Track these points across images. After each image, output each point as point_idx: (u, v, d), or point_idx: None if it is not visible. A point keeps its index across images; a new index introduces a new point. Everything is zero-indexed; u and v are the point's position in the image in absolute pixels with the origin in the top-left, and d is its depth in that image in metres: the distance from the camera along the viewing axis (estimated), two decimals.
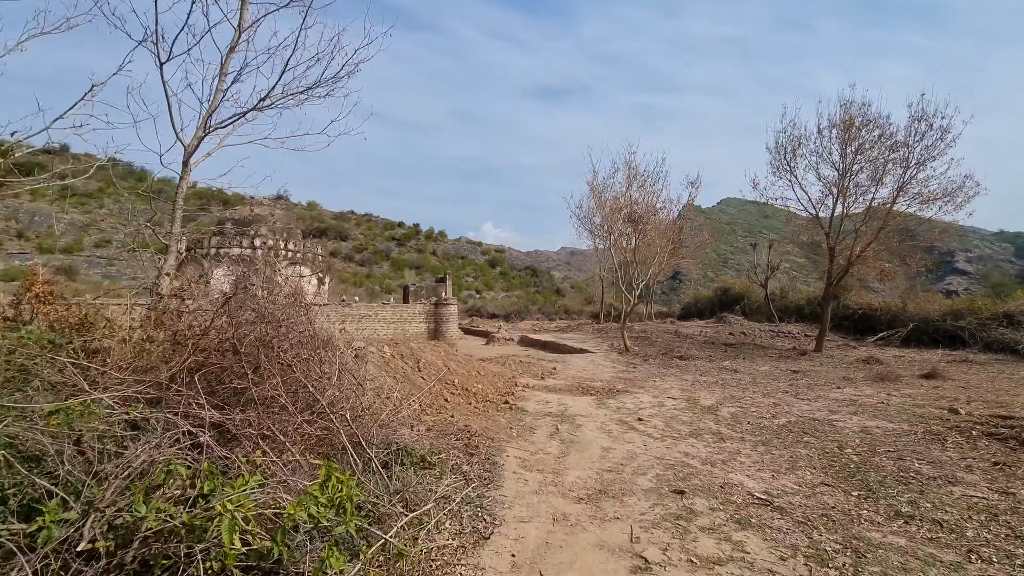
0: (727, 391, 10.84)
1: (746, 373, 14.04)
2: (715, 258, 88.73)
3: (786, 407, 9.06)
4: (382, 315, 19.00)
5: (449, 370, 9.78)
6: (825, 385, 11.66)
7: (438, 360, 9.93)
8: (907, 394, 10.18)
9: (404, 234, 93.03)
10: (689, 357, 16.88)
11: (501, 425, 7.28)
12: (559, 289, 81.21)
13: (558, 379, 12.84)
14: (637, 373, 14.10)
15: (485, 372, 11.21)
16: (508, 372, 12.78)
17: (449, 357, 10.52)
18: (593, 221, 18.88)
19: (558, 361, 16.28)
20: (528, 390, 10.92)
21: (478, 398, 9.15)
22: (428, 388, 8.42)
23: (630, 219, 16.14)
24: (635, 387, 11.62)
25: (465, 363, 10.88)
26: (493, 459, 5.70)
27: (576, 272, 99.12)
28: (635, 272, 17.62)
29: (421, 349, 10.04)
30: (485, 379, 10.50)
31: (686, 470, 5.65)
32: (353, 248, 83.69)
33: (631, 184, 16.40)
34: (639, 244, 16.95)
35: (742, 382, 12.22)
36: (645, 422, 7.91)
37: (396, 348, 9.71)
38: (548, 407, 9.07)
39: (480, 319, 46.47)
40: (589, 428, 7.51)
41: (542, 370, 13.98)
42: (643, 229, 16.26)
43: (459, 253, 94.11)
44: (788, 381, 12.47)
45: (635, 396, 10.30)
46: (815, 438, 6.93)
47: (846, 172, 18.55)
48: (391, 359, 8.71)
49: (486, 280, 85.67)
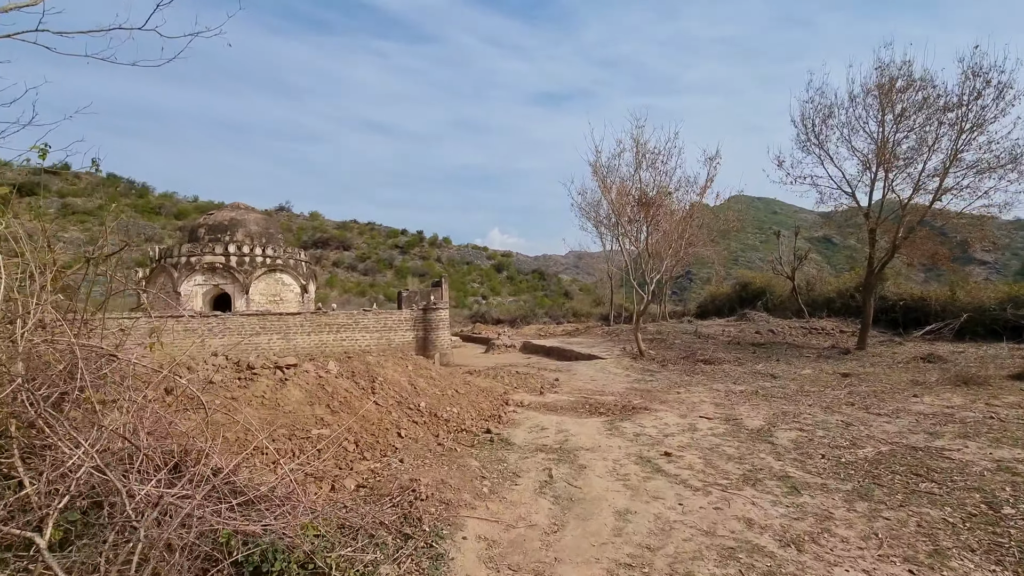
0: (774, 405, 8.52)
1: (787, 378, 11.69)
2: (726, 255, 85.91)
3: (862, 428, 6.74)
4: (363, 323, 16.91)
5: (416, 390, 7.59)
6: (894, 392, 9.29)
7: (402, 377, 7.74)
8: (1014, 403, 7.80)
9: (407, 242, 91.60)
10: (715, 361, 14.53)
11: (470, 472, 5.06)
12: (567, 292, 79.03)
13: (560, 393, 10.60)
14: (655, 383, 11.81)
15: (468, 389, 9.00)
16: (500, 387, 10.55)
17: (419, 372, 8.32)
18: (598, 211, 16.60)
19: (562, 370, 14.03)
20: (521, 410, 8.69)
21: (450, 427, 6.94)
22: (378, 418, 6.23)
23: (641, 203, 13.88)
24: (655, 402, 9.35)
25: (443, 379, 8.68)
26: (438, 546, 3.48)
27: (584, 275, 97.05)
28: (648, 266, 15.33)
29: (381, 364, 7.85)
30: (466, 399, 8.29)
31: (757, 559, 3.41)
32: (356, 257, 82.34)
33: (640, 163, 14.17)
34: (651, 232, 14.67)
35: (788, 391, 9.88)
36: (676, 459, 5.65)
37: (346, 365, 7.54)
38: (543, 436, 6.83)
39: (484, 325, 44.33)
40: (597, 472, 5.26)
41: (542, 382, 11.74)
42: (656, 215, 13.99)
43: (464, 259, 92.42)
44: (844, 388, 10.11)
45: (657, 415, 8.03)
46: (936, 483, 4.63)
47: (885, 143, 16.17)
48: (331, 380, 6.53)
49: (492, 285, 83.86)
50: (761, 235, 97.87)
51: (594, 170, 14.80)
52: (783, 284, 29.56)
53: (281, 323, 15.94)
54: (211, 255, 20.84)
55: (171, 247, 21.51)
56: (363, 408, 6.29)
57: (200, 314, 15.46)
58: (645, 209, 13.77)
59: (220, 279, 21.06)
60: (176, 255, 20.99)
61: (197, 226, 22.94)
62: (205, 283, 20.98)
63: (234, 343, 15.65)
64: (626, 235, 15.25)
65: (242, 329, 15.67)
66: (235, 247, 21.19)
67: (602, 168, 14.71)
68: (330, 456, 4.97)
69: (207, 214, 24.41)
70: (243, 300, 21.03)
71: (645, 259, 15.41)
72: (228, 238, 21.89)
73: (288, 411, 5.39)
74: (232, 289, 21.23)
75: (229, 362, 6.24)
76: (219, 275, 21.04)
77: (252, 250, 21.50)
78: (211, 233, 22.17)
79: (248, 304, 20.86)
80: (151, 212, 75.15)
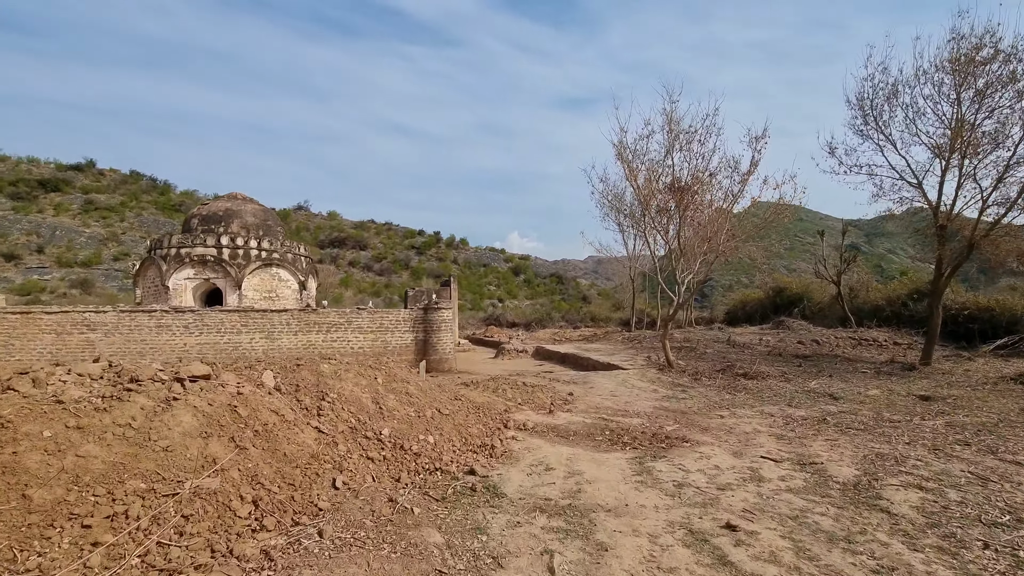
0: (858, 441, 6.43)
1: (853, 401, 9.53)
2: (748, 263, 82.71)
3: (1009, 486, 4.67)
4: (357, 323, 15.19)
5: (381, 411, 5.74)
6: (1011, 426, 7.11)
7: (364, 394, 5.90)
8: None
9: (424, 243, 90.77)
10: (758, 375, 12.38)
11: (424, 562, 3.17)
12: (585, 296, 76.94)
13: (574, 412, 8.64)
14: (690, 401, 9.75)
15: (457, 408, 7.12)
16: (500, 403, 8.64)
17: (391, 386, 6.47)
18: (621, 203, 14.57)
19: (577, 382, 12.05)
20: (523, 436, 6.78)
21: (419, 465, 5.07)
22: (312, 456, 4.39)
23: (673, 189, 11.86)
24: (695, 429, 7.33)
25: (424, 395, 6.82)
26: None
27: (604, 280, 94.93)
28: (679, 264, 13.27)
29: (339, 374, 6.03)
30: (452, 421, 6.41)
31: None
32: (372, 257, 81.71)
33: (673, 144, 12.14)
34: (684, 224, 12.61)
35: (863, 420, 7.75)
36: (746, 539, 3.67)
37: (290, 375, 5.74)
38: (547, 483, 4.91)
39: (497, 328, 42.52)
40: (626, 561, 3.34)
41: (552, 397, 9.79)
42: (690, 204, 11.94)
43: (481, 261, 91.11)
44: (936, 417, 7.93)
45: (701, 451, 6.04)
46: None
47: (962, 125, 13.84)
48: (255, 399, 4.72)
49: (509, 288, 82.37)
50: (786, 242, 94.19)
51: (618, 152, 12.82)
52: (822, 289, 27.05)
53: (265, 321, 14.34)
54: (202, 247, 19.44)
55: (161, 238, 20.21)
56: (295, 440, 4.46)
57: (175, 309, 13.94)
58: (678, 196, 11.73)
59: (211, 273, 19.64)
60: (166, 247, 19.66)
61: (191, 216, 21.61)
62: (195, 277, 19.59)
63: (212, 342, 14.09)
64: (654, 228, 13.21)
65: (221, 327, 14.11)
66: (228, 239, 19.76)
67: (628, 150, 12.72)
68: (204, 527, 3.13)
69: (202, 204, 23.12)
70: (235, 296, 19.57)
71: (676, 256, 13.35)
72: (222, 229, 20.49)
73: (161, 449, 3.58)
74: (224, 284, 19.80)
75: (108, 371, 4.47)
76: (210, 268, 19.62)
77: (246, 243, 20.04)
78: (204, 224, 20.79)
79: (240, 300, 19.38)
80: (172, 209, 75.50)
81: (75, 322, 12.93)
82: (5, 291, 51.67)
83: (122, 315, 13.29)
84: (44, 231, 68.39)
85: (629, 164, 12.66)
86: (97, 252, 68.34)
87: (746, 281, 75.86)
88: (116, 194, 78.28)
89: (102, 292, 53.91)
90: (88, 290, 55.11)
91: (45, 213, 71.81)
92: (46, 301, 49.60)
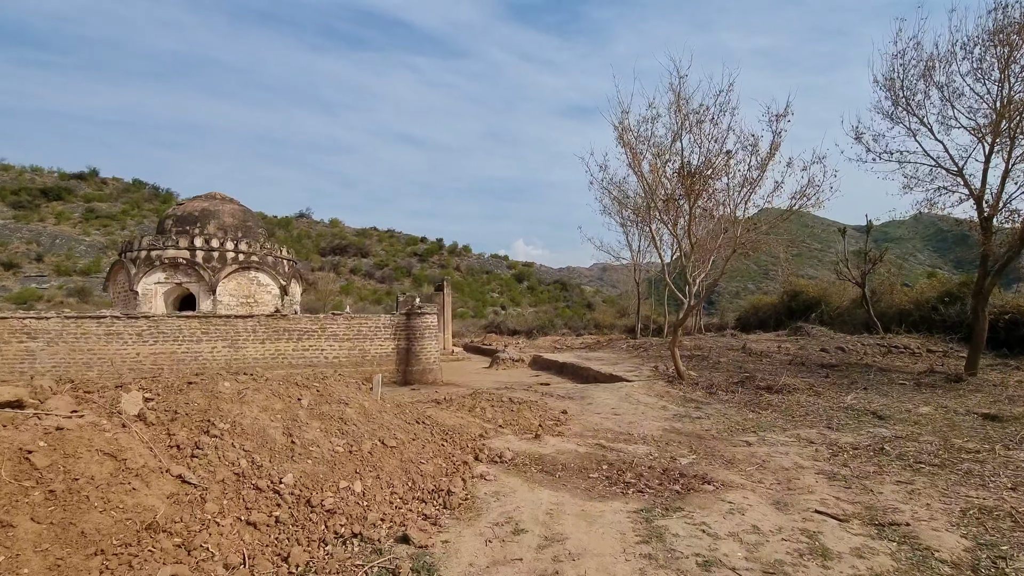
0: (940, 484, 4.80)
1: (903, 420, 7.89)
2: (755, 270, 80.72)
3: None
4: (332, 330, 13.70)
5: (292, 446, 4.20)
6: None
7: (274, 423, 4.37)
8: None
9: (426, 249, 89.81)
10: (782, 388, 10.74)
11: None
12: (590, 303, 75.35)
13: (566, 437, 7.06)
14: (706, 420, 8.15)
15: (414, 435, 5.58)
16: (475, 426, 7.08)
17: (320, 410, 4.93)
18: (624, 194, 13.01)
19: (574, 396, 10.45)
20: (495, 474, 5.22)
21: (329, 531, 3.52)
22: (141, 528, 2.85)
23: (682, 174, 10.31)
24: (716, 461, 5.74)
25: (367, 421, 5.28)
26: None
27: (609, 287, 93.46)
28: (690, 262, 11.71)
29: (242, 395, 4.51)
30: (398, 456, 4.87)
31: None
32: (374, 265, 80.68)
33: (682, 125, 10.62)
34: (695, 216, 11.05)
35: (930, 448, 6.11)
36: None
37: (169, 397, 4.22)
38: (510, 558, 3.36)
39: (498, 336, 40.98)
40: None
41: (542, 416, 8.21)
42: (703, 191, 10.40)
43: (484, 268, 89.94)
44: (1022, 443, 6.30)
45: (729, 499, 4.45)
46: None
47: (1009, 103, 12.26)
48: (92, 438, 3.20)
49: (512, 295, 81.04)
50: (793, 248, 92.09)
51: (619, 135, 11.29)
52: (841, 293, 25.31)
53: (228, 328, 12.88)
54: (174, 249, 18.07)
55: (132, 239, 18.89)
56: (127, 502, 2.93)
57: (126, 315, 12.52)
58: (688, 183, 10.19)
59: (183, 277, 18.24)
60: (136, 249, 18.32)
61: (165, 216, 20.30)
62: (167, 281, 18.19)
63: (168, 351, 12.64)
64: (661, 219, 11.63)
65: (179, 334, 12.66)
66: (202, 240, 18.39)
67: (631, 133, 11.21)
68: None
69: (178, 204, 21.87)
70: (209, 301, 18.16)
71: (686, 253, 11.79)
72: (197, 231, 19.11)
73: None
74: (197, 288, 18.40)
75: None
76: (182, 272, 18.22)
77: (222, 244, 18.65)
78: (179, 225, 19.43)
79: (215, 306, 17.98)
80: None
81: (13, 329, 11.55)
82: (2, 300, 50.88)
83: (67, 321, 11.88)
84: (44, 240, 67.84)
85: (632, 148, 11.15)
86: (96, 260, 67.67)
87: (752, 288, 73.85)
88: (118, 202, 77.92)
89: (100, 301, 52.91)
90: (86, 299, 54.15)
91: (46, 221, 71.39)
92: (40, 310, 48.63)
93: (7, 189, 74.22)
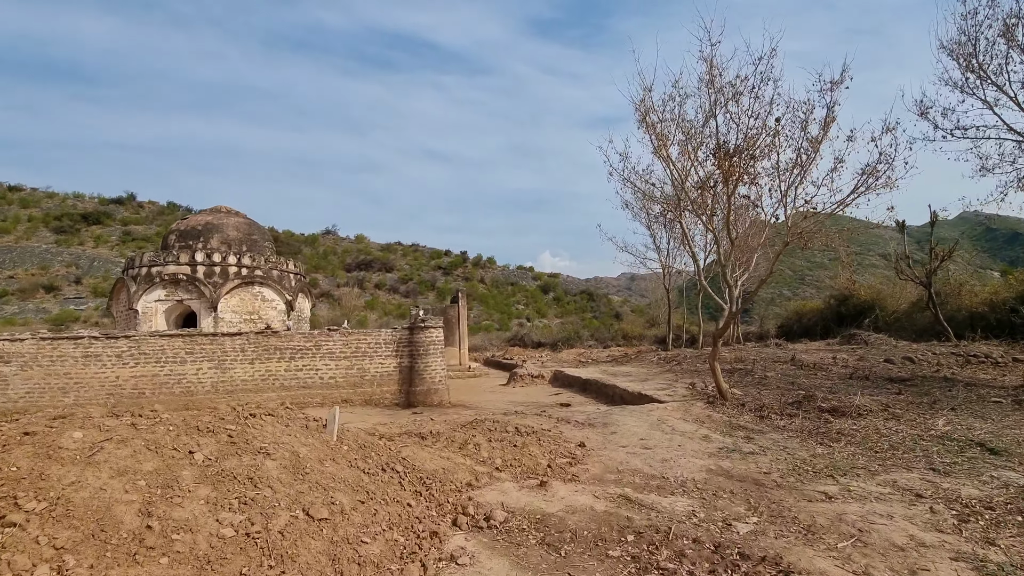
0: None
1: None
2: (790, 275, 76.68)
3: None
4: (327, 348, 12.42)
5: (149, 531, 2.77)
6: None
7: (130, 494, 2.95)
8: None
9: (450, 262, 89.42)
10: (849, 411, 8.82)
11: None
12: (618, 313, 73.01)
13: (581, 483, 5.46)
14: (764, 458, 6.39)
15: (368, 492, 4.11)
16: (464, 469, 5.55)
17: (221, 467, 3.51)
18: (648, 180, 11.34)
19: (595, 423, 8.78)
20: (476, 546, 3.69)
21: None
22: None
23: (718, 155, 8.65)
24: (790, 529, 4.06)
25: (296, 478, 3.84)
26: None
27: (638, 297, 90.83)
28: (731, 263, 9.98)
29: (99, 451, 3.13)
30: (329, 533, 3.39)
31: None
32: (398, 279, 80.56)
33: (716, 100, 8.99)
34: (733, 206, 9.33)
35: None
36: None
37: None
38: None
39: (521, 349, 39.36)
40: None
41: (553, 452, 6.61)
42: (744, 174, 8.70)
43: (509, 279, 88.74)
44: None
45: None
46: None
47: None
48: None
49: (538, 307, 79.48)
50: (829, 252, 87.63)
51: (642, 117, 9.71)
52: (897, 295, 22.78)
53: (215, 347, 11.76)
54: (174, 265, 17.31)
55: (134, 256, 18.28)
56: None
57: (105, 335, 11.54)
58: (726, 165, 8.51)
59: (184, 294, 17.45)
60: (137, 265, 17.66)
61: (169, 232, 19.71)
62: (167, 299, 17.44)
63: (150, 374, 11.58)
64: (695, 212, 9.93)
65: (162, 355, 11.60)
66: (203, 255, 17.60)
67: (654, 110, 9.63)
68: None
69: (182, 219, 21.29)
70: (211, 319, 17.29)
71: (726, 251, 10.06)
72: (200, 245, 18.37)
73: None
74: (198, 305, 17.58)
75: None
76: (183, 289, 17.44)
77: (224, 259, 17.82)
78: (181, 240, 18.76)
79: (216, 324, 17.08)
80: None
81: None
82: (41, 321, 52.38)
83: (42, 343, 10.97)
84: (83, 262, 70.24)
85: (656, 129, 9.55)
86: None
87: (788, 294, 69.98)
88: (153, 225, 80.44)
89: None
90: None
91: (85, 245, 74.06)
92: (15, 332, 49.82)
93: (51, 215, 77.56)
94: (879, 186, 8.14)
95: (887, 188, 8.18)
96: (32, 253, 71.68)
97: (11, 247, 72.04)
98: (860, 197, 8.13)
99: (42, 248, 73.04)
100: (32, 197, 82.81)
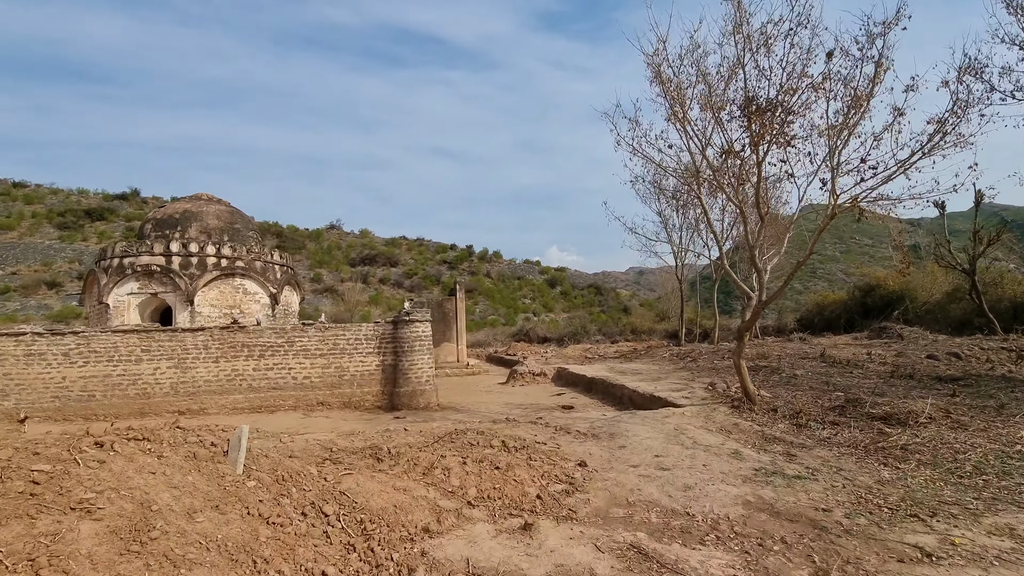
0: None
1: None
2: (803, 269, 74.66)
3: None
4: (301, 344, 11.13)
5: None
6: None
7: None
8: None
9: (456, 257, 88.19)
10: (903, 417, 7.34)
11: None
12: (626, 307, 71.37)
13: (578, 522, 4.09)
14: (814, 483, 4.98)
15: (261, 557, 2.75)
16: (424, 505, 4.19)
17: (5, 528, 2.16)
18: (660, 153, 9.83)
19: (600, 433, 7.37)
20: None
21: None
22: None
23: (747, 110, 7.17)
24: None
25: (127, 542, 2.50)
26: None
27: (647, 291, 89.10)
28: (760, 244, 8.50)
29: None
30: None
31: None
32: (403, 274, 79.49)
33: (744, 48, 7.52)
34: (763, 174, 7.84)
35: None
36: None
37: None
38: None
39: (527, 344, 37.96)
40: None
41: (545, 475, 5.24)
42: (780, 135, 7.22)
43: (515, 274, 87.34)
44: None
45: None
46: None
47: None
48: None
49: (545, 301, 78.10)
50: (841, 245, 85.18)
51: (655, 73, 8.24)
52: (930, 285, 21.08)
53: (175, 344, 10.50)
54: (148, 255, 16.08)
55: (107, 247, 17.11)
56: None
57: (50, 331, 10.32)
58: (758, 121, 7.04)
59: (158, 286, 16.21)
60: (108, 256, 16.47)
61: (145, 221, 18.53)
62: (140, 291, 16.20)
63: (102, 374, 10.34)
64: (717, 183, 8.44)
65: (115, 353, 10.37)
66: (179, 245, 16.36)
67: (670, 70, 8.14)
68: None
69: (159, 206, 20.11)
70: (186, 313, 16.05)
71: (752, 230, 8.58)
72: (177, 235, 17.12)
73: None
74: (174, 299, 16.35)
75: None
76: (157, 281, 16.21)
77: (202, 249, 16.57)
78: (158, 229, 17.52)
79: (193, 318, 15.86)
80: None
81: None
82: (43, 318, 51.85)
83: None
84: (86, 258, 69.73)
85: (670, 86, 8.07)
86: None
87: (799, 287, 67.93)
88: None
89: None
90: None
91: (89, 241, 73.60)
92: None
93: (55, 211, 77.21)
94: (946, 145, 6.62)
95: (956, 147, 6.65)
96: (35, 249, 71.44)
97: (15, 243, 71.80)
98: (924, 159, 6.61)
99: (45, 244, 72.74)
100: (36, 193, 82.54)
